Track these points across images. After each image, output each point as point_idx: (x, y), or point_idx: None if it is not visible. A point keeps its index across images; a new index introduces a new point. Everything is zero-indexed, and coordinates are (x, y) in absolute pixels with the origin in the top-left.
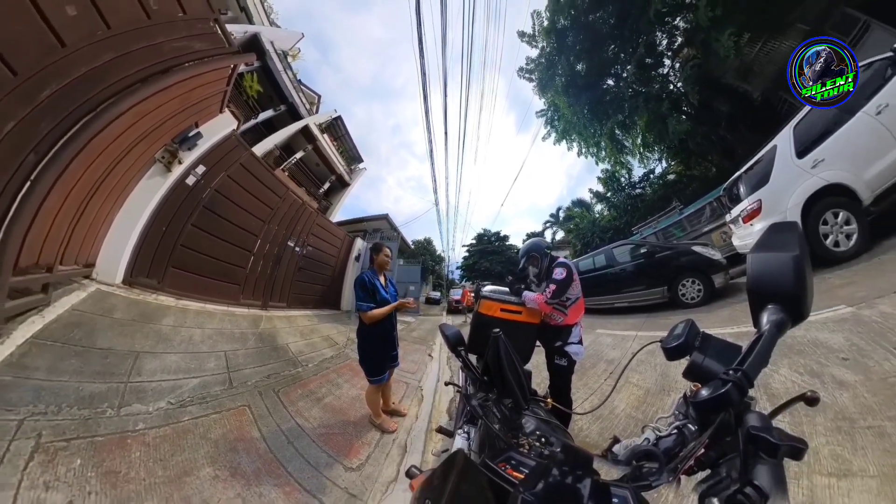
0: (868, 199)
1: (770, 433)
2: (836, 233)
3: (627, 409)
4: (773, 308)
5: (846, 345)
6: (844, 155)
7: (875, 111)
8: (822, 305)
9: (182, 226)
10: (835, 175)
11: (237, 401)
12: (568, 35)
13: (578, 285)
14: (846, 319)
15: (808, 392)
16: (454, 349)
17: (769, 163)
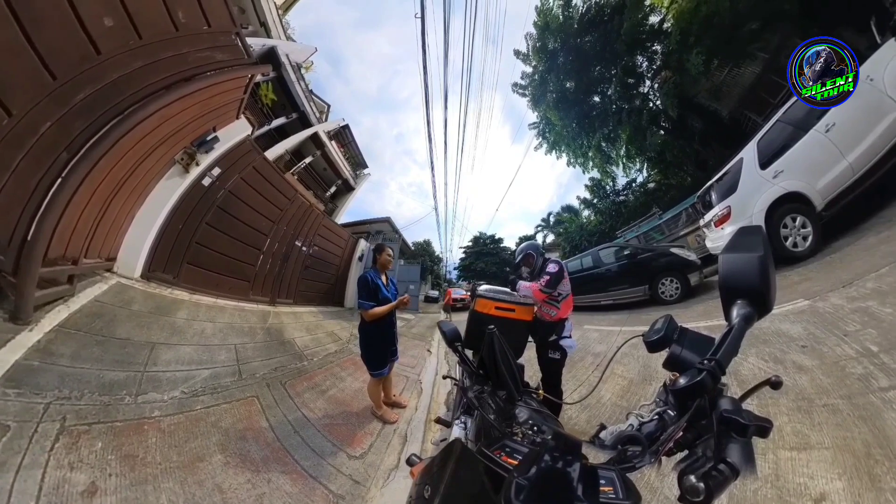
0: (820, 205)
1: (740, 415)
2: (795, 235)
3: (613, 398)
4: (741, 303)
5: (804, 334)
6: (800, 167)
7: (825, 129)
8: (784, 300)
9: (197, 224)
10: (792, 184)
11: (246, 392)
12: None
13: (568, 283)
14: (804, 311)
15: (772, 377)
16: (451, 345)
17: (737, 173)
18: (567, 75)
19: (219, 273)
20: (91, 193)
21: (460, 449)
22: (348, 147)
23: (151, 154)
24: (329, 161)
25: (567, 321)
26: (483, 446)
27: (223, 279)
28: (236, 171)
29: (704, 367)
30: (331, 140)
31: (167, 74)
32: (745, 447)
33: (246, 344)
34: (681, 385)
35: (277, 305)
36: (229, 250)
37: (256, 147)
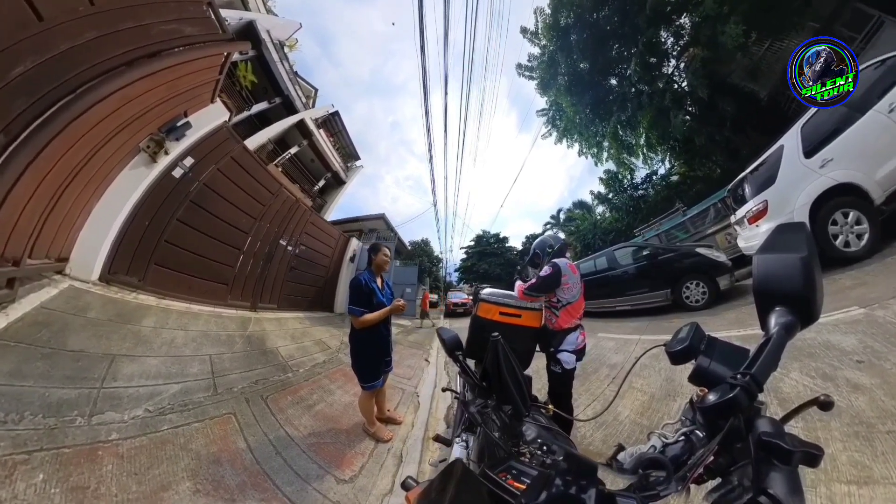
0: (880, 198)
1: (783, 439)
2: (847, 233)
3: (632, 415)
4: (781, 310)
5: (860, 347)
6: (855, 154)
7: (888, 109)
8: (834, 307)
9: (167, 221)
10: (844, 174)
11: (222, 408)
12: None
13: (575, 289)
14: (859, 321)
15: (821, 396)
16: (451, 354)
17: (775, 163)
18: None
19: (192, 275)
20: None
21: (461, 471)
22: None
23: (111, 140)
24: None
25: (572, 333)
26: (487, 468)
27: (197, 282)
28: (212, 162)
29: (737, 382)
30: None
31: (127, 49)
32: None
33: (223, 354)
34: (710, 402)
35: (259, 311)
36: (204, 250)
37: (235, 135)
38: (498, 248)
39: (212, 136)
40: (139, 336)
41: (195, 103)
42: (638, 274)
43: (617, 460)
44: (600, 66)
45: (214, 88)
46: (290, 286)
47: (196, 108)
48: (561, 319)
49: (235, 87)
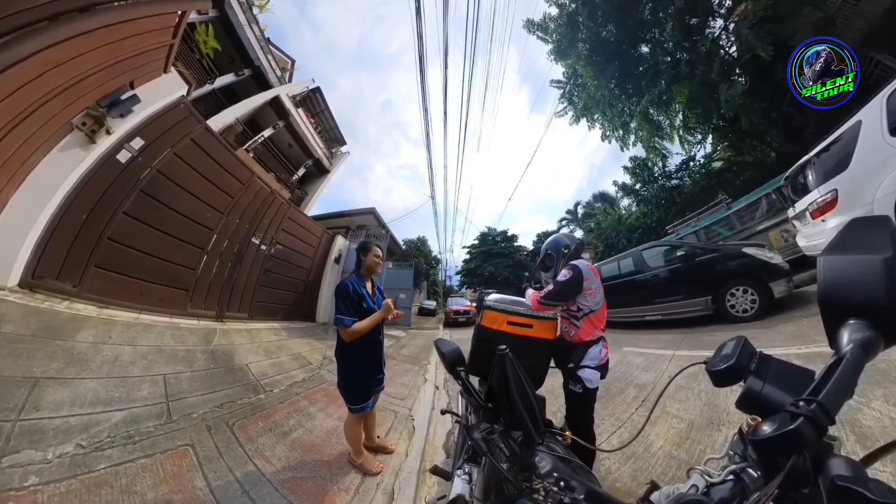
0: None
1: (865, 485)
2: None
3: (667, 446)
4: (856, 324)
5: None
6: None
7: None
8: None
9: (111, 214)
10: None
11: (177, 439)
12: None
13: (598, 294)
14: None
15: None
16: (452, 370)
17: (850, 143)
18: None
19: (143, 279)
20: None
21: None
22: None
23: (33, 114)
24: (295, 135)
25: (594, 346)
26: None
27: (150, 287)
28: (167, 144)
29: (801, 411)
30: (297, 107)
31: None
32: None
33: (180, 373)
34: (766, 434)
35: (226, 321)
36: (159, 249)
37: (195, 113)
38: (505, 248)
39: (166, 114)
40: (72, 354)
41: (144, 73)
42: (671, 278)
43: (650, 501)
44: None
45: (168, 55)
46: (264, 292)
47: (145, 79)
48: (582, 331)
49: (194, 55)
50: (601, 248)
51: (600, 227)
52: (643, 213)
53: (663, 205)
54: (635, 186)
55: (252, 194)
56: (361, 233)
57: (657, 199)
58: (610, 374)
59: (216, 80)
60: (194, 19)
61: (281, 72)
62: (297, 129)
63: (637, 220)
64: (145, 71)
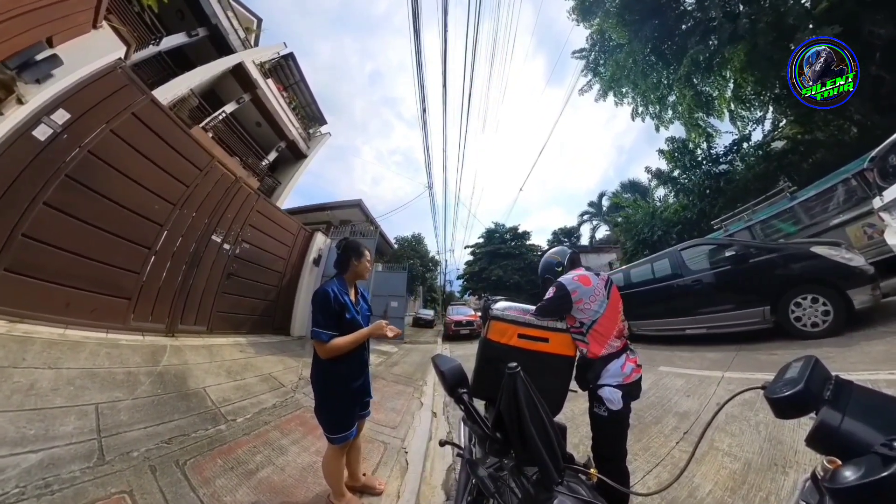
0: None
1: None
2: None
3: (717, 490)
4: None
5: None
6: None
7: None
8: None
9: (27, 205)
10: None
11: (110, 485)
12: None
13: (594, 302)
14: None
15: None
16: (453, 392)
17: None
18: None
19: (71, 286)
20: None
21: None
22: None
23: None
24: (265, 111)
25: (613, 361)
26: None
27: (80, 296)
28: (102, 119)
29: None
30: (266, 77)
31: None
32: None
33: (118, 402)
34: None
35: (179, 336)
36: (92, 249)
37: (137, 80)
38: (516, 248)
39: (98, 81)
40: None
41: (65, 27)
42: (718, 284)
43: None
44: None
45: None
46: (228, 300)
47: (68, 36)
48: (592, 346)
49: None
50: (630, 248)
51: (629, 222)
52: (682, 206)
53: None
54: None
55: (212, 183)
56: (346, 229)
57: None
58: (644, 399)
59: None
60: None
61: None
62: (267, 105)
63: (675, 214)
64: (67, 25)
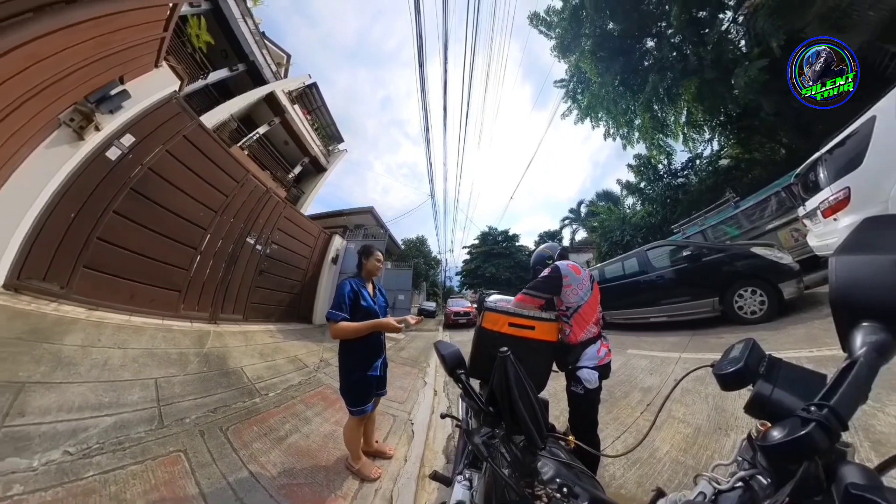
0: None
1: (880, 494)
2: None
3: (673, 451)
4: (870, 326)
5: None
6: None
7: None
8: None
9: (101, 213)
10: None
11: (168, 445)
12: None
13: (579, 291)
14: None
15: None
16: (452, 373)
17: (864, 139)
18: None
19: (134, 280)
20: None
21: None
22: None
23: (18, 110)
24: (292, 132)
25: (590, 346)
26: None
27: (141, 288)
28: (159, 141)
29: (812, 416)
30: (293, 103)
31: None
32: None
33: (172, 377)
34: (776, 440)
35: (220, 323)
36: (151, 249)
37: (188, 109)
38: (507, 248)
39: (158, 110)
40: (60, 357)
41: (134, 67)
42: (677, 279)
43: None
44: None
45: (159, 49)
46: (260, 293)
47: (135, 74)
48: (574, 330)
49: (186, 49)
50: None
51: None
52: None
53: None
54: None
55: (247, 193)
56: (359, 232)
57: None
58: (614, 377)
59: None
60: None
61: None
62: (294, 126)
63: (642, 219)
64: (136, 65)
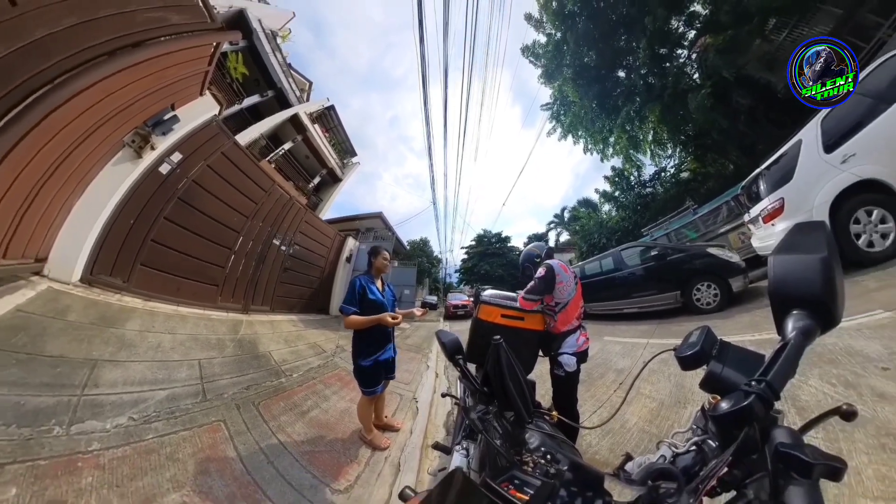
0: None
1: (802, 450)
2: (871, 232)
3: (640, 422)
4: (799, 314)
5: (885, 353)
6: (879, 148)
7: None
8: (857, 310)
9: (154, 219)
10: (868, 170)
11: (211, 415)
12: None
13: (568, 288)
14: (884, 325)
15: (843, 405)
16: (452, 357)
17: (793, 158)
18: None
19: (180, 276)
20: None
21: (462, 480)
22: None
23: (93, 134)
24: (312, 148)
25: (571, 335)
26: (488, 477)
27: (186, 283)
28: (201, 158)
29: (752, 389)
30: (313, 123)
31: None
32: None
33: (212, 359)
34: (723, 410)
35: (251, 313)
36: (194, 250)
37: (225, 129)
38: (500, 249)
39: (201, 131)
40: (123, 340)
41: (183, 96)
42: (646, 275)
43: (625, 470)
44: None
45: (203, 80)
46: (284, 287)
47: (184, 101)
48: (559, 322)
49: (225, 80)
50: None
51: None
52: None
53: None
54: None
55: (273, 201)
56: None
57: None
58: (591, 360)
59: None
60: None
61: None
62: (314, 143)
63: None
64: (185, 94)
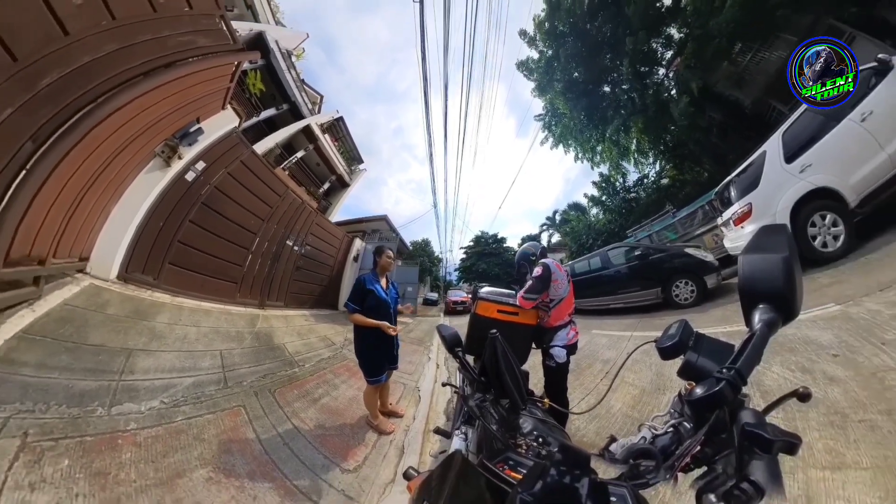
0: (854, 201)
1: (764, 429)
2: (824, 234)
3: (624, 408)
4: (764, 308)
5: (836, 341)
6: (831, 160)
7: (860, 118)
8: (812, 304)
9: (180, 222)
10: (821, 179)
11: (232, 401)
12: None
13: (562, 286)
14: (835, 317)
15: (800, 388)
16: (451, 350)
17: (759, 167)
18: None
19: (204, 274)
20: (60, 187)
21: (461, 462)
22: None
23: (128, 146)
24: (322, 156)
25: (562, 329)
26: (485, 459)
27: (208, 280)
28: (222, 166)
29: (723, 376)
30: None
31: (144, 60)
32: (771, 465)
33: (232, 350)
34: (697, 395)
35: (267, 308)
36: (215, 250)
37: (244, 140)
38: (496, 249)
39: (222, 142)
40: (154, 332)
41: (207, 110)
42: (630, 273)
43: (609, 451)
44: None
45: (225, 96)
46: (297, 285)
47: (208, 115)
48: (552, 317)
49: (245, 95)
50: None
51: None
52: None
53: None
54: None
55: (287, 204)
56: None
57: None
58: (580, 351)
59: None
60: (247, 67)
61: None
62: (324, 151)
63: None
64: (208, 109)
